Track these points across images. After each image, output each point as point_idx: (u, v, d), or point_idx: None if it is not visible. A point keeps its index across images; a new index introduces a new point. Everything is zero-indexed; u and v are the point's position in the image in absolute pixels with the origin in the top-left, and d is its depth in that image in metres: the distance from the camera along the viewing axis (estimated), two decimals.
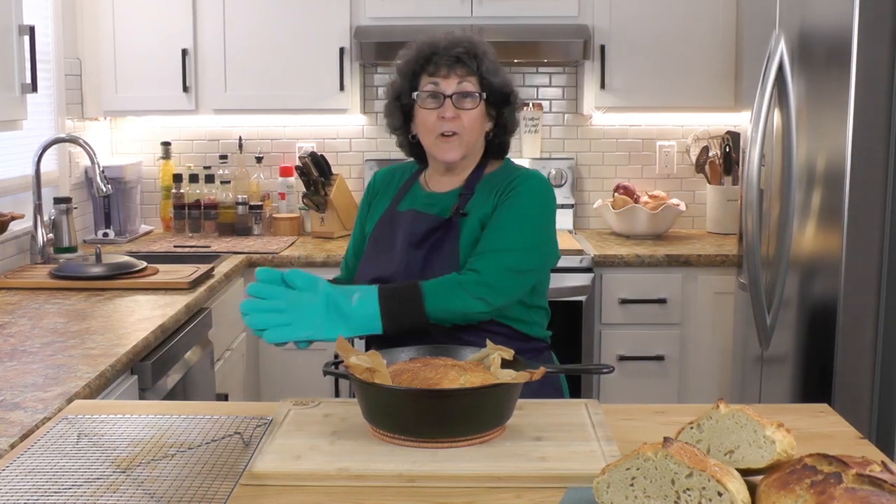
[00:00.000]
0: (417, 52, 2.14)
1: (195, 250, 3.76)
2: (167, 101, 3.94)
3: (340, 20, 3.88)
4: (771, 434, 1.33)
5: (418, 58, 2.13)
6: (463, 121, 2.10)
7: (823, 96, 2.73)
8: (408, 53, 2.17)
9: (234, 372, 3.43)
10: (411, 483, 1.44)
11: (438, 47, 2.12)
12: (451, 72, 2.10)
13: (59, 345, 2.29)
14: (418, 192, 2.22)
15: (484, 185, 2.15)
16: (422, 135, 2.16)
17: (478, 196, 2.13)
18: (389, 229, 2.17)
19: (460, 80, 2.10)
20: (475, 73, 2.11)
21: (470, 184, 2.16)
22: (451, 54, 2.09)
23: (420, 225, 2.12)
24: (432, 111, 2.10)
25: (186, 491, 1.38)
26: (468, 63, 2.10)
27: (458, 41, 2.12)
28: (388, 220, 2.19)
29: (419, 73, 2.13)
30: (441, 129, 2.10)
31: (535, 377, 1.61)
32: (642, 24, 3.87)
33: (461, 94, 2.10)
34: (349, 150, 4.33)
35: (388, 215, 2.20)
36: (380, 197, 2.28)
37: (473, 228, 2.09)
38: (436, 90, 2.10)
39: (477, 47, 2.12)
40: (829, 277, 2.69)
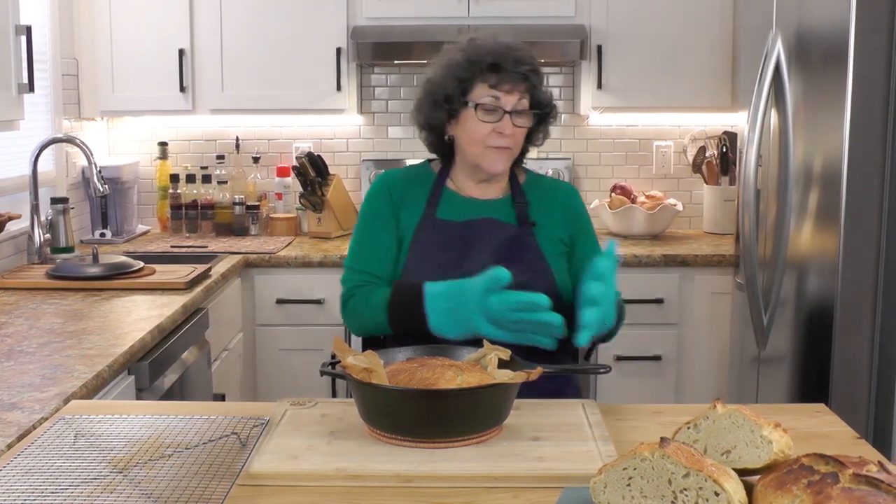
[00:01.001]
0: (477, 56, 2.09)
1: (192, 250, 3.75)
2: (164, 102, 3.93)
3: (337, 20, 3.88)
4: (768, 434, 1.33)
5: (477, 64, 2.08)
6: (515, 137, 2.10)
7: (820, 96, 2.74)
8: (459, 55, 2.12)
9: (231, 372, 3.43)
10: (408, 483, 1.44)
11: (505, 60, 2.07)
12: (514, 88, 2.08)
13: (56, 345, 2.29)
14: (456, 199, 2.19)
15: (531, 193, 2.19)
16: (468, 143, 2.12)
17: (535, 206, 2.17)
18: (442, 237, 2.13)
19: (521, 96, 2.09)
20: (531, 89, 2.10)
21: (519, 192, 2.18)
22: (520, 71, 2.07)
23: (500, 234, 2.12)
24: (487, 124, 2.08)
25: (183, 491, 1.38)
26: (532, 80, 2.09)
27: (522, 57, 2.08)
28: (433, 228, 2.14)
29: (474, 79, 2.09)
30: (494, 143, 2.09)
31: (532, 377, 1.61)
32: (639, 24, 3.87)
33: (520, 111, 2.09)
34: (346, 151, 4.33)
35: (430, 223, 2.15)
36: (407, 203, 2.19)
37: (550, 239, 2.13)
38: (496, 105, 2.08)
39: (536, 62, 2.11)
40: (826, 277, 2.69)
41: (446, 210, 2.17)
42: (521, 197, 2.18)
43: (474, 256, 2.08)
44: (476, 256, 2.08)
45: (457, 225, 2.14)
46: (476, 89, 2.09)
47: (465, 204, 2.17)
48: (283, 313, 3.66)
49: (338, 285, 3.71)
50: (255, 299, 3.66)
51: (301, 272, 3.65)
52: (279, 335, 3.67)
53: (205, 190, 4.16)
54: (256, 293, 3.66)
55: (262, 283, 3.66)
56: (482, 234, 2.12)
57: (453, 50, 2.15)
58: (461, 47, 2.14)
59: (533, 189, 2.21)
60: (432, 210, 2.16)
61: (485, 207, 2.17)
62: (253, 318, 3.67)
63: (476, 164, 2.14)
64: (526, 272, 2.03)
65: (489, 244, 2.11)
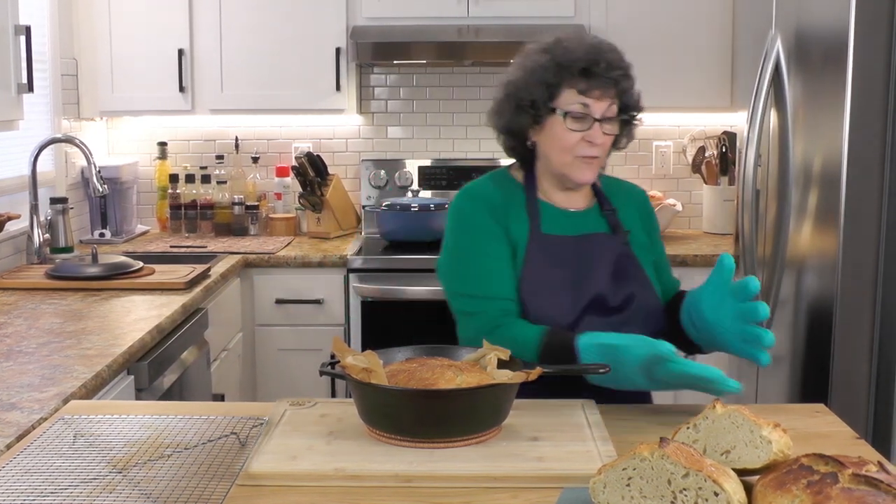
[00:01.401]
0: (566, 60, 1.96)
1: (191, 250, 3.75)
2: (163, 102, 3.93)
3: (337, 20, 3.88)
4: (767, 434, 1.33)
5: (567, 69, 1.95)
6: (605, 144, 2.00)
7: (820, 96, 2.73)
8: (544, 58, 1.98)
9: (230, 372, 3.43)
10: (408, 483, 1.44)
11: (597, 64, 1.94)
12: (605, 94, 1.96)
13: (56, 345, 2.29)
14: (551, 210, 2.05)
15: (612, 197, 2.11)
16: (555, 151, 1.99)
17: (620, 212, 2.09)
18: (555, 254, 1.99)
19: (611, 102, 1.97)
20: (621, 94, 1.99)
21: (604, 198, 2.09)
22: (611, 76, 1.95)
23: (610, 250, 2.01)
24: (576, 132, 1.96)
25: (183, 491, 1.38)
26: (623, 84, 1.98)
27: (614, 60, 1.96)
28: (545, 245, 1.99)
29: (562, 84, 1.96)
30: (583, 153, 1.97)
31: (531, 377, 1.61)
32: (639, 24, 3.87)
33: (609, 118, 1.98)
34: (345, 151, 4.33)
35: (538, 239, 2.00)
36: (511, 216, 2.02)
37: (641, 247, 2.08)
38: (585, 112, 1.95)
39: (627, 64, 2.00)
40: (826, 277, 2.69)
41: (549, 224, 2.03)
42: (608, 203, 2.08)
43: (591, 275, 1.98)
44: (593, 276, 1.98)
45: (566, 241, 2.01)
46: (563, 95, 1.96)
47: (563, 217, 2.05)
48: (282, 313, 3.66)
49: (337, 286, 3.73)
50: (254, 299, 3.66)
51: (300, 272, 3.65)
52: (278, 335, 3.67)
53: (204, 190, 4.16)
54: (256, 293, 3.66)
55: (262, 283, 3.66)
56: (594, 250, 2.01)
57: (536, 51, 2.01)
58: (545, 48, 2.00)
59: (612, 193, 2.13)
60: (537, 225, 2.02)
61: (582, 220, 2.06)
62: (252, 318, 3.67)
63: (563, 174, 2.01)
64: (635, 287, 1.98)
65: (603, 262, 2.00)
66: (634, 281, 2.01)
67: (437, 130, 4.32)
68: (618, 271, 2.00)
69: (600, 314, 1.97)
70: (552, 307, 1.95)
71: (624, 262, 2.01)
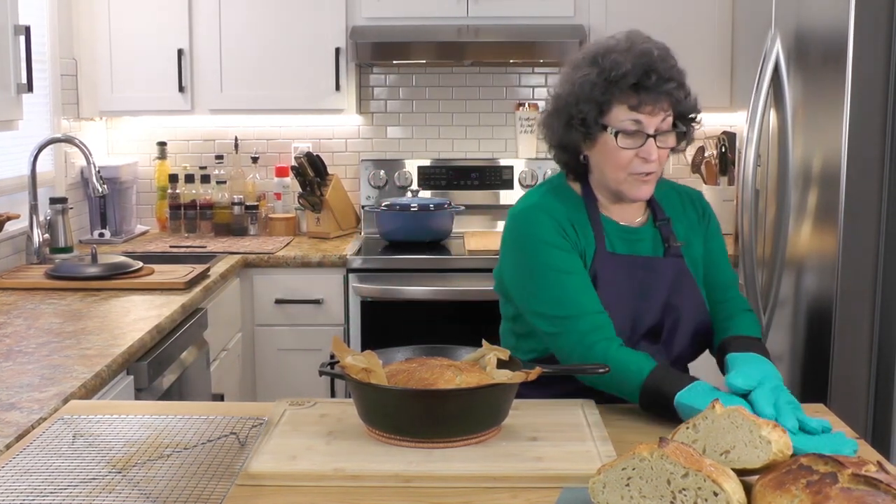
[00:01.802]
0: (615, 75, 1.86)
1: (191, 250, 3.75)
2: (163, 102, 3.93)
3: (336, 20, 3.88)
4: (767, 434, 1.33)
5: (616, 85, 1.86)
6: (661, 158, 1.91)
7: (819, 96, 2.73)
8: (593, 73, 1.88)
9: (229, 372, 3.43)
10: (407, 483, 1.44)
11: (647, 77, 1.85)
12: (657, 108, 1.87)
13: (55, 345, 2.29)
14: (613, 227, 1.99)
15: (666, 206, 2.05)
16: (609, 168, 1.92)
17: (675, 222, 2.04)
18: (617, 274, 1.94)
19: (665, 115, 1.89)
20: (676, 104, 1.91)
21: (659, 210, 2.02)
22: (663, 90, 1.87)
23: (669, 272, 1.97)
24: (629, 150, 1.88)
25: (182, 491, 1.38)
26: (676, 95, 1.89)
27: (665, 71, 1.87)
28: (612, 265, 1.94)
29: (612, 101, 1.87)
30: (638, 170, 1.89)
31: (530, 377, 1.61)
32: (638, 24, 3.80)
33: (664, 131, 1.89)
34: (345, 151, 4.33)
35: (605, 258, 1.95)
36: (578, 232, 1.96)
37: (694, 261, 2.03)
38: (638, 129, 1.87)
39: (680, 73, 1.91)
40: (825, 277, 2.69)
41: (611, 242, 1.97)
42: (662, 214, 2.02)
43: (649, 304, 1.94)
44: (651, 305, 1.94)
45: (628, 262, 1.96)
46: (614, 111, 1.87)
47: (623, 233, 1.99)
48: (281, 313, 3.66)
49: (336, 286, 3.73)
50: (253, 299, 3.66)
51: (300, 272, 3.65)
52: (278, 335, 3.67)
53: (203, 190, 4.15)
54: (255, 293, 3.66)
55: (261, 283, 3.66)
56: (652, 276, 1.96)
57: (584, 62, 1.91)
58: (594, 58, 1.90)
59: (667, 200, 2.06)
60: (601, 242, 1.95)
61: (639, 237, 2.00)
62: (252, 318, 3.67)
63: (618, 191, 1.95)
64: (689, 309, 1.95)
65: (660, 289, 1.95)
66: (687, 303, 1.96)
67: (437, 130, 4.32)
68: (672, 295, 1.96)
69: (652, 341, 1.97)
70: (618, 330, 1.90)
71: (678, 285, 1.97)
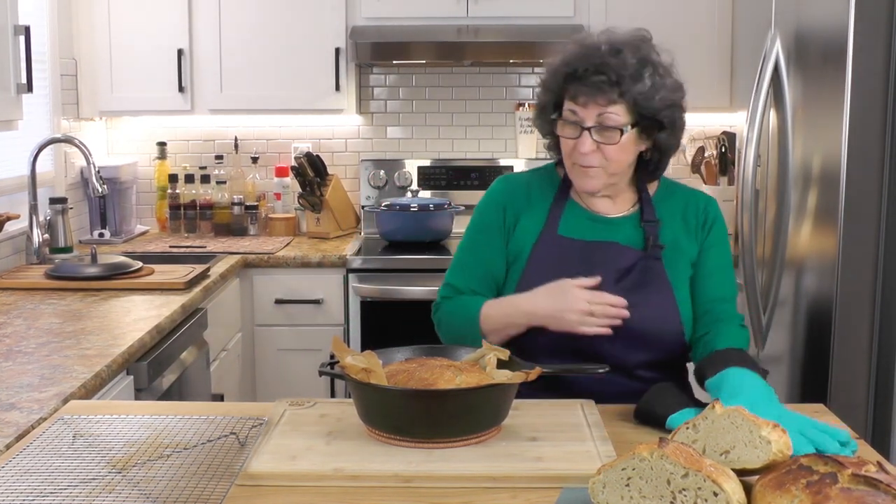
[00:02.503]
0: (563, 64, 1.90)
1: (191, 251, 3.75)
2: (163, 102, 3.93)
3: (336, 20, 3.88)
4: (767, 434, 1.33)
5: (561, 74, 1.90)
6: (604, 154, 1.89)
7: (819, 96, 2.73)
8: (555, 61, 1.94)
9: (229, 372, 3.43)
10: (407, 483, 1.44)
11: (579, 69, 1.86)
12: (590, 100, 1.86)
13: (55, 345, 2.29)
14: (580, 213, 2.00)
15: (661, 208, 2.01)
16: (563, 158, 1.97)
17: (665, 223, 1.99)
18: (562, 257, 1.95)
19: (601, 109, 1.86)
20: (621, 99, 1.86)
21: (648, 209, 1.99)
22: (591, 82, 1.85)
23: (622, 261, 1.93)
24: (569, 140, 1.91)
25: (182, 491, 1.38)
26: (609, 92, 1.85)
27: (603, 63, 1.85)
28: (554, 246, 1.96)
29: (560, 90, 1.92)
30: (579, 161, 1.91)
31: (530, 377, 1.61)
32: (638, 24, 3.77)
33: (602, 126, 1.87)
34: (345, 151, 4.33)
35: (550, 239, 1.97)
36: (528, 212, 2.00)
37: (678, 264, 1.97)
38: (574, 119, 1.89)
39: (627, 68, 1.86)
40: (825, 277, 2.69)
41: (569, 226, 1.98)
42: (651, 214, 1.98)
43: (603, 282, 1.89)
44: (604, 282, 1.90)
45: (578, 245, 1.96)
46: (565, 101, 1.91)
47: (590, 220, 1.99)
48: (281, 313, 3.66)
49: (336, 286, 3.73)
50: (253, 299, 3.66)
51: (300, 272, 3.65)
52: (278, 335, 3.67)
53: (203, 190, 4.15)
54: (255, 293, 3.66)
55: (261, 284, 3.66)
56: (604, 258, 1.94)
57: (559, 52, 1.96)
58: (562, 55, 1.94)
59: (665, 202, 2.03)
60: (554, 224, 1.98)
61: (611, 227, 1.98)
62: (252, 318, 3.67)
63: (571, 180, 1.98)
64: (650, 306, 1.89)
65: (611, 271, 1.92)
66: (653, 301, 1.91)
67: (437, 130, 4.32)
68: (632, 288, 1.91)
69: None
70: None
71: (642, 279, 1.93)
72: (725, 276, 2.04)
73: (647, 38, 1.98)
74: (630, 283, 1.92)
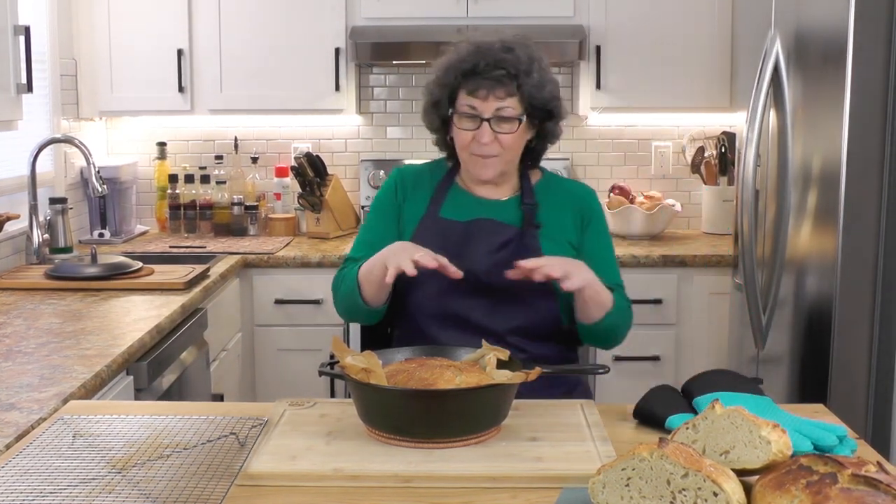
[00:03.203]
0: (458, 61, 2.06)
1: (191, 251, 3.75)
2: (163, 102, 3.93)
3: (336, 20, 3.88)
4: (766, 434, 1.33)
5: (458, 70, 2.06)
6: (501, 143, 2.06)
7: (819, 96, 2.74)
8: (449, 59, 2.09)
9: (229, 372, 3.43)
10: (407, 483, 1.44)
11: (479, 65, 2.03)
12: (490, 93, 2.03)
13: (55, 345, 2.29)
14: (464, 197, 2.17)
15: (543, 194, 2.16)
16: (458, 148, 2.12)
17: (544, 208, 2.13)
18: (442, 236, 2.10)
19: (500, 102, 2.03)
20: (517, 91, 2.04)
21: (528, 193, 2.14)
22: (492, 76, 2.02)
23: (499, 235, 2.09)
24: (468, 132, 2.06)
25: (182, 491, 1.38)
26: (508, 85, 2.03)
27: (501, 59, 2.02)
28: (434, 226, 2.13)
29: (456, 85, 2.06)
30: (477, 151, 2.07)
31: (530, 378, 1.61)
32: (638, 24, 3.87)
33: (504, 117, 2.04)
34: (345, 151, 4.33)
35: (431, 221, 2.14)
36: (413, 199, 2.19)
37: (555, 241, 2.10)
38: (473, 112, 2.05)
39: (521, 63, 2.03)
40: (825, 277, 2.69)
41: (450, 209, 2.15)
42: (531, 198, 2.14)
43: (469, 256, 2.06)
44: (470, 256, 2.06)
45: (458, 224, 2.12)
46: (459, 96, 2.07)
47: (471, 203, 2.15)
48: (281, 313, 3.66)
49: None
50: (253, 299, 3.66)
51: (299, 272, 3.65)
52: (278, 335, 3.67)
53: (203, 190, 4.15)
54: (255, 293, 3.66)
55: (261, 284, 3.66)
56: (480, 233, 2.10)
57: (447, 52, 2.12)
58: (452, 49, 2.11)
59: (545, 191, 2.18)
60: (436, 208, 2.15)
61: (489, 207, 2.14)
62: (251, 318, 3.67)
63: (467, 170, 2.14)
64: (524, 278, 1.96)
65: (486, 244, 2.08)
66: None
67: None
68: (507, 259, 2.00)
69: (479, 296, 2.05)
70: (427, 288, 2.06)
71: (517, 252, 2.03)
72: (607, 266, 2.14)
73: (529, 37, 2.12)
74: (505, 255, 2.05)
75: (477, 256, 2.06)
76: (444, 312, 2.07)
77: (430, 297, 2.08)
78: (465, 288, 2.03)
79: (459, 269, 1.97)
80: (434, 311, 2.08)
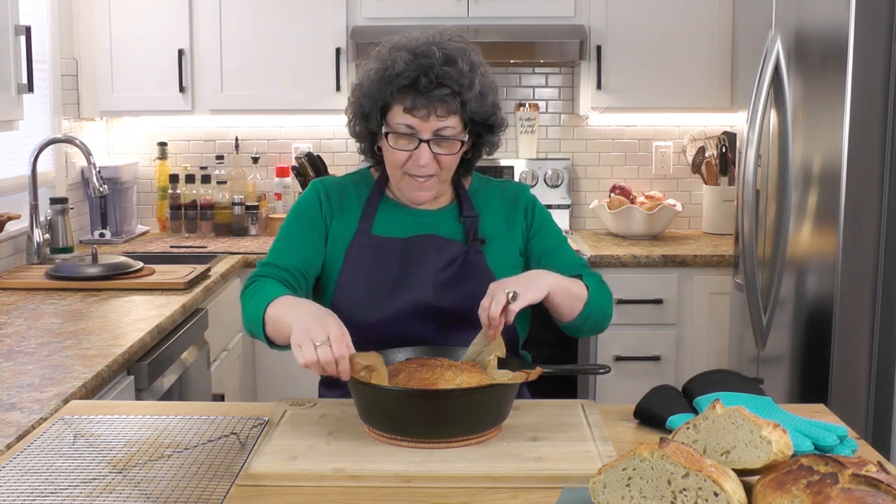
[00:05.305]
0: (395, 75, 1.82)
1: (191, 251, 3.75)
2: (163, 102, 3.93)
3: (337, 20, 3.88)
4: (767, 434, 1.33)
5: (394, 85, 1.82)
6: (439, 163, 1.87)
7: (820, 97, 2.74)
8: (382, 69, 1.84)
9: (230, 372, 3.43)
10: (407, 483, 1.44)
11: (419, 82, 1.80)
12: (431, 113, 1.81)
13: (56, 345, 2.29)
14: (397, 210, 1.98)
15: (480, 201, 2.00)
16: (388, 166, 1.92)
17: (485, 218, 1.98)
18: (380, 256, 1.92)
19: (441, 122, 1.82)
20: (459, 109, 1.84)
21: (467, 205, 1.98)
22: (435, 95, 1.80)
23: (444, 253, 1.92)
24: (402, 152, 1.86)
25: (183, 491, 1.38)
26: (451, 103, 1.82)
27: (443, 74, 1.80)
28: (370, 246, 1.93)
29: (390, 101, 1.85)
30: (413, 172, 1.87)
31: (531, 377, 1.61)
32: (639, 24, 3.87)
33: (444, 136, 1.84)
34: (345, 151, 4.33)
35: (364, 240, 1.94)
36: (341, 215, 1.98)
37: (502, 253, 1.95)
38: (410, 132, 1.83)
39: (464, 77, 1.82)
40: (826, 277, 2.69)
41: (383, 224, 1.96)
42: (470, 209, 1.97)
43: (414, 278, 1.90)
44: (416, 278, 1.90)
45: (395, 242, 1.93)
46: (393, 110, 1.85)
47: (405, 216, 1.96)
48: None
49: None
50: None
51: None
52: None
53: (204, 190, 4.16)
54: None
55: None
56: (423, 252, 1.92)
57: (376, 56, 1.89)
58: (383, 55, 1.87)
59: (481, 195, 2.02)
60: (367, 225, 1.95)
61: (427, 220, 1.96)
62: None
63: (398, 189, 1.95)
64: (475, 296, 1.75)
65: (432, 264, 1.91)
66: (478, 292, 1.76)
67: None
68: (453, 280, 1.90)
69: (429, 319, 1.89)
70: (371, 313, 1.88)
71: (464, 271, 1.91)
72: (562, 253, 1.99)
73: (466, 38, 1.94)
74: (451, 275, 1.90)
75: (422, 279, 1.89)
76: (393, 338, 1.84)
77: (377, 325, 1.88)
78: (413, 314, 1.88)
79: (406, 294, 1.86)
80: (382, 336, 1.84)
